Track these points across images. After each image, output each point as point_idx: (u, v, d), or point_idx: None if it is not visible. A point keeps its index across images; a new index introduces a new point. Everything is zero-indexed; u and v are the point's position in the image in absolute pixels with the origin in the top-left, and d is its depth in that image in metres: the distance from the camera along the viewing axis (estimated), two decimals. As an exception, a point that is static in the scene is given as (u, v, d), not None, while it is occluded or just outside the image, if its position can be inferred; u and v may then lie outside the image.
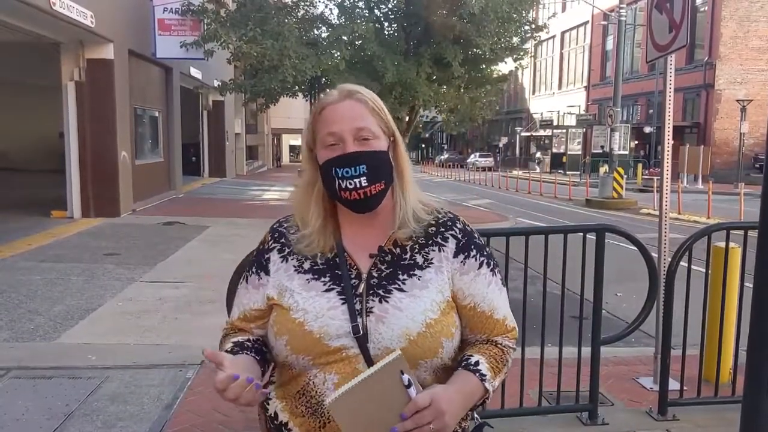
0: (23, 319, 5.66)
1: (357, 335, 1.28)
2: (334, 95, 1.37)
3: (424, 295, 1.32)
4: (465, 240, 1.40)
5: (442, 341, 1.31)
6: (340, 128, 1.32)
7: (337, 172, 1.31)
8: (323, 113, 1.35)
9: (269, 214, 14.25)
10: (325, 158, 1.33)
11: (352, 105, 1.34)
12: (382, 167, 1.34)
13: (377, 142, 1.34)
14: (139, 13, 14.21)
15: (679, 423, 3.56)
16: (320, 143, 1.35)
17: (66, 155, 12.48)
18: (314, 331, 1.29)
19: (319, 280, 1.35)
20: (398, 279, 1.34)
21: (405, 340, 1.27)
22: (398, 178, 1.39)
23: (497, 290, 1.42)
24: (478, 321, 1.38)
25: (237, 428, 3.49)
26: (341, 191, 1.32)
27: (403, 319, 1.29)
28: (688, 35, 3.96)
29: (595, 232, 3.53)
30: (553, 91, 46.52)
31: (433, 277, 1.35)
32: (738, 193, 15.60)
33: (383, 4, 16.85)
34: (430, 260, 1.36)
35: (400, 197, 1.38)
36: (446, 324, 1.32)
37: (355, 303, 1.31)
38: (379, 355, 1.27)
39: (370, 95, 1.38)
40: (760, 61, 29.60)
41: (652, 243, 4.22)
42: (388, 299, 1.31)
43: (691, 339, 3.78)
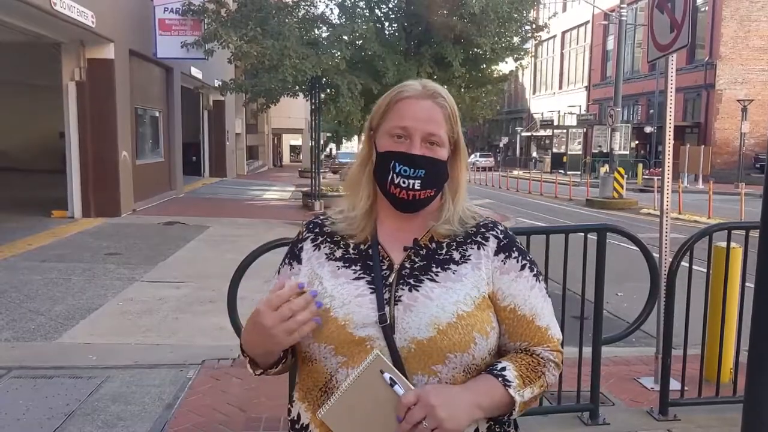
0: (24, 319, 5.66)
1: (383, 324, 1.23)
2: (417, 89, 1.33)
3: (458, 288, 1.28)
4: (507, 241, 1.36)
5: (475, 336, 1.24)
6: (413, 126, 1.30)
7: (395, 167, 1.30)
8: (400, 104, 1.32)
9: (270, 214, 14.27)
10: (388, 148, 1.32)
11: (431, 107, 1.32)
12: (438, 175, 1.33)
13: (442, 150, 1.33)
14: (139, 13, 14.22)
15: (680, 423, 3.56)
16: (386, 130, 1.33)
17: (67, 155, 12.49)
18: (339, 317, 1.25)
19: (349, 268, 1.32)
20: (431, 271, 1.30)
21: (433, 330, 1.22)
22: (451, 185, 1.38)
23: (541, 297, 1.35)
24: (518, 326, 1.31)
25: (237, 428, 3.49)
26: (391, 185, 1.30)
27: (432, 308, 1.24)
28: (690, 35, 3.96)
29: (596, 232, 3.53)
30: (554, 90, 46.52)
31: (469, 272, 1.31)
32: (739, 193, 15.59)
33: (384, 3, 16.86)
34: (467, 257, 1.33)
35: (450, 202, 1.37)
36: (480, 320, 1.27)
37: (384, 293, 1.27)
38: (405, 346, 1.23)
39: (450, 102, 1.36)
40: (761, 61, 29.59)
41: (653, 243, 4.22)
42: (419, 288, 1.27)
43: (692, 339, 3.78)
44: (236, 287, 3.11)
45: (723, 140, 29.91)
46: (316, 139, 16.53)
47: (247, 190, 21.97)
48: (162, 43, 14.87)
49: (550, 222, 14.65)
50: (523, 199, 22.08)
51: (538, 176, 28.93)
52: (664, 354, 3.61)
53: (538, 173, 32.69)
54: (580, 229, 3.71)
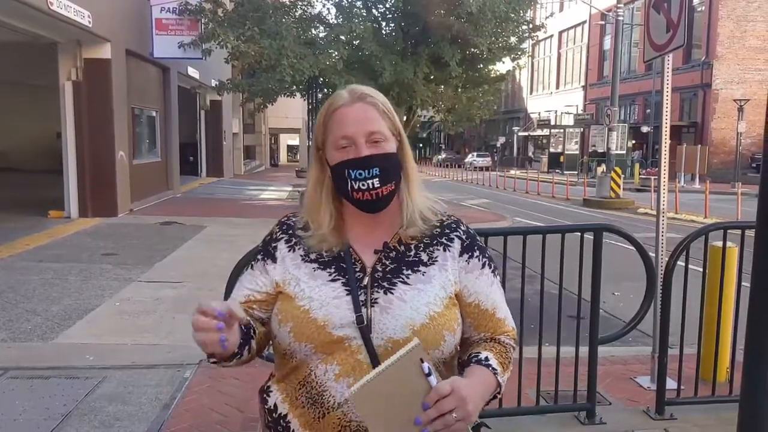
0: (21, 319, 5.65)
1: (361, 325, 1.30)
2: (345, 97, 1.39)
3: (428, 290, 1.36)
4: (469, 241, 1.45)
5: (444, 334, 1.33)
6: (353, 131, 1.35)
7: (350, 174, 1.34)
8: (335, 115, 1.38)
9: (267, 214, 14.26)
10: (338, 159, 1.36)
11: (364, 108, 1.37)
12: (392, 168, 1.38)
13: (387, 144, 1.38)
14: (136, 12, 14.19)
15: (677, 422, 3.57)
16: (332, 144, 1.38)
17: (63, 155, 12.45)
18: (318, 318, 1.31)
19: (324, 271, 1.38)
20: (402, 273, 1.37)
21: (408, 331, 1.30)
22: (404, 177, 1.43)
23: (499, 291, 1.47)
24: (482, 318, 1.42)
25: (235, 428, 3.49)
26: (354, 192, 1.35)
27: (407, 311, 1.32)
28: (686, 35, 3.97)
29: (592, 231, 3.53)
30: (551, 90, 46.55)
31: (437, 273, 1.38)
32: (735, 192, 15.63)
33: (381, 3, 16.86)
34: (434, 258, 1.40)
35: (407, 196, 1.42)
36: (449, 318, 1.35)
37: (360, 294, 1.34)
38: (382, 345, 1.29)
39: (381, 98, 1.41)
40: (758, 61, 29.65)
41: (649, 242, 4.23)
42: (393, 291, 1.34)
43: (689, 338, 3.78)
44: (233, 287, 3.11)
45: (720, 140, 29.97)
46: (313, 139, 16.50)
47: (244, 189, 21.95)
48: (159, 42, 14.85)
49: (547, 222, 14.66)
50: (521, 199, 22.10)
51: (535, 176, 28.95)
52: (661, 353, 3.62)
53: (535, 173, 32.71)
54: (576, 229, 3.71)
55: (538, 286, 3.66)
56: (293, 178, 29.39)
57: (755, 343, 1.57)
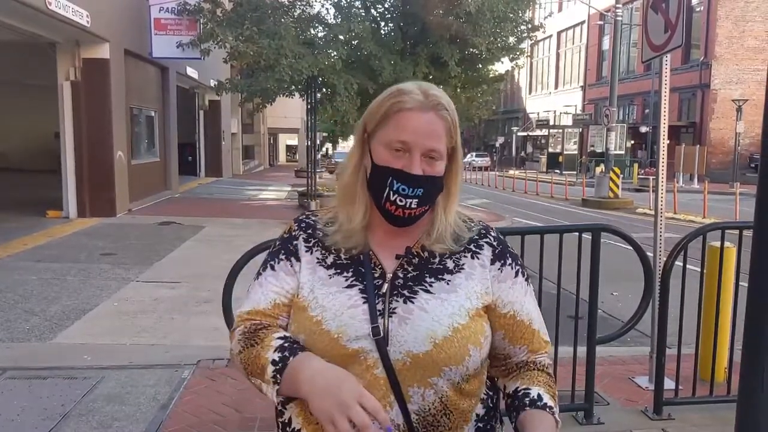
0: (19, 320, 5.65)
1: (377, 337, 1.20)
2: (419, 100, 1.25)
3: (452, 299, 1.25)
4: (500, 248, 1.36)
5: (470, 348, 1.23)
6: (414, 141, 1.24)
7: (393, 184, 1.24)
8: (401, 114, 1.25)
9: (266, 214, 14.26)
10: (386, 162, 1.25)
11: (434, 121, 1.25)
12: (435, 192, 1.29)
13: (440, 163, 1.28)
14: (135, 12, 14.19)
15: (675, 422, 3.57)
16: (384, 141, 1.26)
17: (62, 155, 12.45)
18: (332, 330, 1.21)
19: (341, 275, 1.28)
20: (425, 281, 1.27)
21: (429, 343, 1.20)
22: (445, 195, 1.32)
23: (533, 300, 1.38)
24: (518, 330, 1.33)
25: (232, 428, 3.49)
26: (387, 202, 1.25)
27: (428, 321, 1.22)
28: (684, 35, 3.97)
29: (591, 231, 3.54)
30: (550, 90, 46.58)
31: (463, 282, 1.28)
32: (734, 192, 15.65)
33: (380, 3, 16.86)
34: (461, 266, 1.30)
35: (442, 214, 1.32)
36: (475, 331, 1.25)
37: (378, 303, 1.24)
38: (400, 359, 1.20)
39: (452, 112, 1.29)
40: (756, 61, 29.67)
41: (647, 242, 4.23)
42: (414, 300, 1.24)
43: (687, 338, 3.79)
44: (231, 287, 3.11)
45: (718, 140, 30.00)
46: (312, 138, 16.51)
47: (243, 189, 21.94)
48: (157, 42, 14.85)
49: (545, 222, 14.67)
50: (519, 199, 22.11)
51: (534, 176, 28.96)
52: (659, 353, 3.62)
53: (534, 173, 32.71)
54: (574, 229, 3.72)
55: (536, 286, 3.64)
56: (292, 178, 29.38)
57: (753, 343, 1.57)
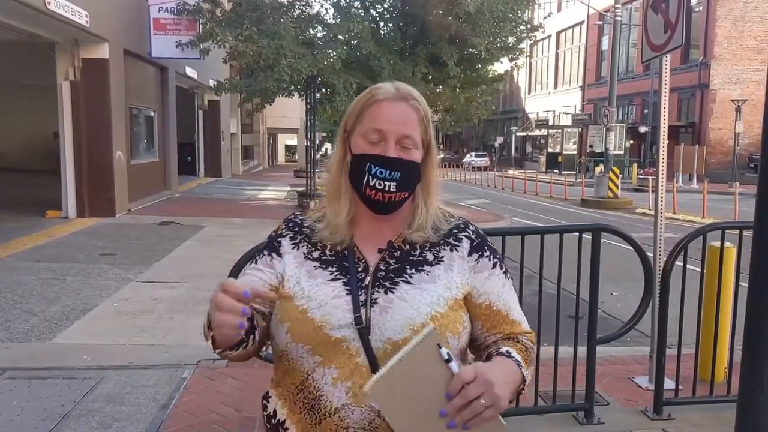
0: (19, 320, 5.64)
1: (359, 326, 1.26)
2: (391, 92, 1.35)
3: (431, 289, 1.31)
4: (479, 241, 1.41)
5: (447, 336, 1.28)
6: (387, 128, 1.32)
7: (371, 169, 1.31)
8: (375, 106, 1.34)
9: (265, 214, 14.25)
10: (363, 150, 1.33)
11: (405, 109, 1.34)
12: (412, 178, 1.35)
13: (415, 152, 1.35)
14: (134, 12, 14.18)
15: (675, 422, 3.58)
16: (361, 133, 1.34)
17: (61, 155, 12.43)
18: (316, 319, 1.27)
19: (326, 270, 1.35)
20: (406, 273, 1.33)
21: (408, 330, 1.25)
22: (423, 187, 1.40)
23: (512, 293, 1.42)
24: (495, 320, 1.38)
25: (232, 428, 3.49)
26: (367, 188, 1.32)
27: (407, 310, 1.27)
28: (684, 35, 3.97)
29: (590, 231, 3.54)
30: (549, 90, 46.58)
31: (442, 273, 1.34)
32: (733, 192, 15.66)
33: (379, 3, 16.87)
34: (440, 258, 1.36)
35: (422, 204, 1.39)
36: (453, 320, 1.30)
37: (360, 295, 1.30)
38: (381, 347, 1.25)
39: (424, 104, 1.37)
40: (755, 61, 29.68)
41: (647, 243, 4.23)
42: (394, 290, 1.30)
43: (687, 338, 3.79)
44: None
45: (717, 140, 30.01)
46: (311, 138, 16.51)
47: (242, 189, 21.93)
48: (157, 42, 14.85)
49: (545, 222, 14.67)
50: (519, 199, 22.11)
51: (533, 176, 28.97)
52: (659, 353, 3.62)
53: (533, 173, 32.73)
54: (574, 229, 3.72)
55: (536, 287, 3.66)
56: (291, 178, 29.38)
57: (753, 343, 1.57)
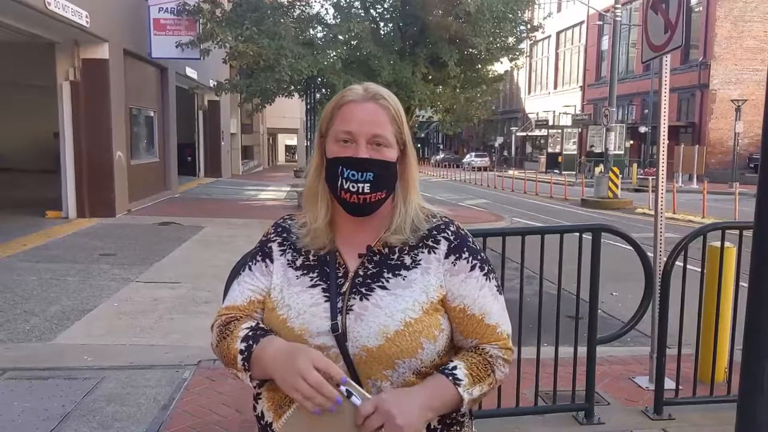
0: (19, 320, 5.64)
1: (336, 333, 1.26)
2: (359, 93, 1.35)
3: (407, 294, 1.30)
4: (457, 242, 1.37)
5: (422, 342, 1.27)
6: (357, 129, 1.31)
7: (343, 172, 1.30)
8: (343, 108, 1.34)
9: (265, 214, 14.24)
10: (335, 154, 1.33)
11: (374, 109, 1.33)
12: (387, 177, 1.33)
13: (389, 150, 1.33)
14: (134, 12, 14.18)
15: (675, 422, 3.58)
16: (333, 136, 1.34)
17: (61, 155, 12.43)
18: (295, 328, 1.28)
19: (307, 276, 1.35)
20: (383, 277, 1.32)
21: (382, 338, 1.25)
22: (402, 186, 1.38)
23: (490, 295, 1.37)
24: (469, 324, 1.34)
25: (233, 428, 3.49)
26: (341, 191, 1.31)
27: (381, 317, 1.27)
28: (684, 36, 3.97)
29: (591, 232, 3.54)
30: (549, 91, 46.58)
31: (419, 277, 1.33)
32: (733, 192, 15.66)
33: (379, 4, 16.88)
34: (418, 261, 1.35)
35: (401, 205, 1.37)
36: (428, 325, 1.29)
37: (338, 301, 1.30)
38: (357, 354, 1.26)
39: (394, 102, 1.36)
40: (755, 61, 29.70)
41: (647, 243, 4.24)
42: (369, 297, 1.30)
43: (687, 338, 3.79)
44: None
45: (717, 140, 30.02)
46: (311, 138, 16.52)
47: (242, 190, 21.92)
48: (157, 42, 14.85)
49: (545, 222, 14.68)
50: (519, 199, 22.11)
51: (533, 176, 28.97)
52: (659, 353, 3.62)
53: (533, 173, 32.73)
54: (574, 229, 3.72)
55: (536, 287, 3.66)
56: (291, 178, 29.37)
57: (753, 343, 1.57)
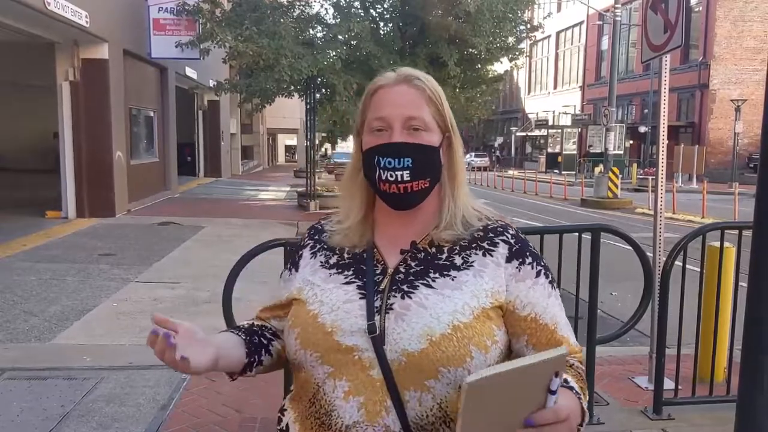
0: (18, 320, 5.64)
1: (372, 335, 1.14)
2: (390, 77, 1.25)
3: (456, 296, 1.17)
4: (519, 246, 1.25)
5: (471, 350, 1.12)
6: (390, 114, 1.20)
7: (380, 161, 1.20)
8: (375, 96, 1.24)
9: (265, 214, 14.26)
10: (370, 144, 1.22)
11: (407, 90, 1.22)
12: (429, 163, 1.22)
13: (428, 135, 1.22)
14: (134, 12, 14.18)
15: (675, 422, 3.58)
16: (367, 128, 1.24)
17: (61, 155, 12.43)
18: (326, 324, 1.18)
19: (341, 274, 1.25)
20: (428, 276, 1.20)
21: (425, 341, 1.12)
22: (449, 178, 1.27)
23: (558, 305, 1.25)
24: (542, 335, 1.21)
25: (232, 428, 3.49)
26: (381, 182, 1.20)
27: (425, 317, 1.14)
28: (683, 36, 3.97)
29: (590, 231, 3.54)
30: (549, 91, 46.60)
31: (470, 279, 1.19)
32: (732, 192, 15.67)
33: (379, 4, 16.87)
34: (470, 263, 1.21)
35: (450, 199, 1.26)
36: (479, 332, 1.14)
37: (376, 300, 1.18)
38: (396, 359, 1.13)
39: (430, 83, 1.25)
40: (754, 61, 29.71)
41: (647, 242, 4.24)
42: (412, 295, 1.17)
43: (686, 338, 3.79)
44: (231, 288, 3.11)
45: (717, 140, 30.03)
46: (311, 139, 16.52)
47: (242, 190, 21.93)
48: (156, 42, 14.84)
49: (545, 222, 14.68)
50: (519, 199, 22.12)
51: (533, 176, 28.99)
52: (658, 353, 3.62)
53: (533, 173, 32.74)
54: (574, 229, 3.72)
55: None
56: (291, 178, 29.38)
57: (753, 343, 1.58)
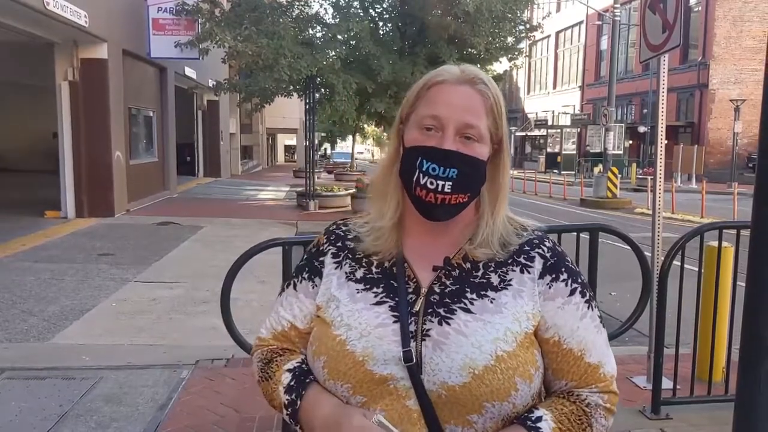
0: (17, 320, 5.64)
1: (409, 363, 1.05)
2: (454, 73, 1.13)
3: (497, 321, 1.07)
4: (554, 260, 1.16)
5: (517, 382, 1.05)
6: (446, 115, 1.09)
7: (422, 164, 1.09)
8: (433, 89, 1.13)
9: (264, 214, 14.26)
10: (416, 142, 1.11)
11: (470, 94, 1.11)
12: (474, 178, 1.12)
13: (480, 146, 1.12)
14: (133, 12, 14.17)
15: (673, 422, 3.58)
16: (415, 121, 1.13)
17: (60, 155, 12.43)
18: (357, 352, 1.07)
19: (370, 291, 1.14)
20: (465, 297, 1.10)
21: (468, 374, 1.03)
22: (491, 192, 1.17)
23: (593, 326, 1.14)
24: (564, 362, 1.11)
25: (231, 428, 3.49)
26: (418, 187, 1.09)
27: (466, 347, 1.05)
28: (682, 35, 3.98)
29: (588, 231, 3.54)
30: (548, 90, 46.62)
31: (510, 301, 1.10)
32: (731, 192, 15.67)
33: (378, 3, 16.89)
34: (508, 281, 1.12)
35: (488, 215, 1.16)
36: (523, 361, 1.06)
37: (410, 323, 1.08)
38: (435, 391, 1.04)
39: (495, 90, 1.14)
40: (754, 61, 29.71)
41: (645, 242, 4.24)
42: (450, 321, 1.08)
43: (685, 338, 3.79)
44: (229, 287, 3.11)
45: (716, 140, 30.05)
46: (310, 139, 16.51)
47: (241, 190, 21.92)
48: (156, 42, 14.84)
49: (544, 222, 14.65)
50: (518, 199, 22.11)
51: (532, 176, 28.97)
52: (657, 353, 3.62)
53: (532, 173, 32.74)
54: (572, 229, 3.72)
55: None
56: (291, 178, 29.37)
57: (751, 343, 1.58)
